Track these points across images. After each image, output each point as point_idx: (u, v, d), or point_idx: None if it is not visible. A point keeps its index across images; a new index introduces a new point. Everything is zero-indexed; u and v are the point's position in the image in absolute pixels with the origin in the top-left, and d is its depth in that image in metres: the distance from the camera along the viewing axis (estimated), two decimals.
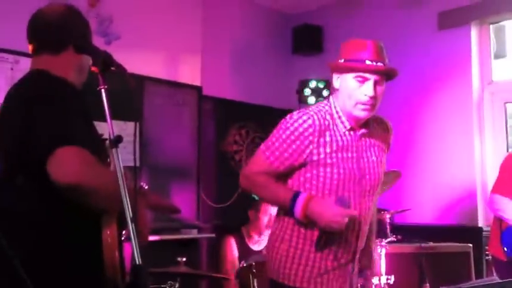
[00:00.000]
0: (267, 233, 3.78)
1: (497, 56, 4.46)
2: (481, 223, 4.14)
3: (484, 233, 3.98)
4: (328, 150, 2.06)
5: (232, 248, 3.76)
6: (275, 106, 5.22)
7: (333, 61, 2.16)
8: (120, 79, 1.58)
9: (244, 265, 3.13)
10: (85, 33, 1.76)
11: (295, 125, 2.07)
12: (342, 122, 2.12)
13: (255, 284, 3.07)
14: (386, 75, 2.10)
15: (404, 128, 4.43)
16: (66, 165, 1.44)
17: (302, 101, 4.80)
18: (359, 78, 2.05)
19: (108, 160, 1.66)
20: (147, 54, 4.20)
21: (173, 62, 4.51)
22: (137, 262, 1.41)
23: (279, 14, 5.38)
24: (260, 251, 3.75)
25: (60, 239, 1.56)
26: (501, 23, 4.44)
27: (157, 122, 4.30)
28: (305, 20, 5.23)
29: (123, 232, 1.59)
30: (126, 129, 3.82)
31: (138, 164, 3.96)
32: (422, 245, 3.50)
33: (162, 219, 3.89)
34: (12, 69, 3.40)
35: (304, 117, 2.07)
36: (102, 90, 1.53)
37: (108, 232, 1.53)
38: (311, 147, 2.05)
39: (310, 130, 2.05)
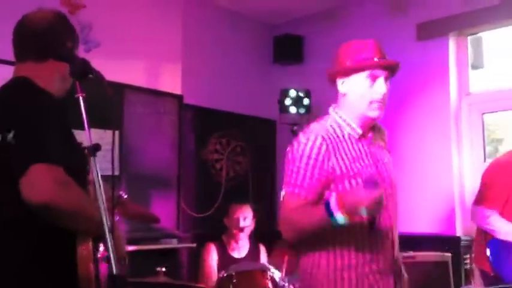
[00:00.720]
0: (242, 238, 3.78)
1: (474, 67, 4.52)
2: (459, 232, 4.18)
3: (462, 242, 4.01)
4: (347, 162, 2.01)
5: (211, 253, 3.75)
6: (256, 115, 5.23)
7: (334, 67, 2.12)
8: (99, 87, 1.56)
9: (225, 275, 3.11)
10: (71, 41, 1.74)
11: (307, 149, 1.98)
12: (353, 129, 2.08)
13: None
14: (390, 72, 2.10)
15: (388, 137, 4.45)
16: (39, 184, 1.42)
17: (283, 110, 4.81)
18: (371, 77, 2.04)
19: (88, 169, 1.64)
20: (127, 62, 4.18)
21: (154, 70, 4.49)
22: (114, 272, 1.40)
23: (260, 23, 5.40)
24: (240, 259, 3.74)
25: (36, 249, 1.54)
26: (478, 35, 4.51)
27: (138, 131, 4.27)
28: (286, 30, 5.26)
29: (100, 245, 1.58)
30: (105, 137, 3.77)
31: (117, 173, 3.93)
32: (404, 254, 3.50)
33: (141, 228, 3.86)
34: None
35: (312, 138, 2.00)
36: (80, 98, 1.52)
37: (83, 245, 1.52)
38: (331, 163, 1.98)
39: (324, 147, 1.98)
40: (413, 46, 4.48)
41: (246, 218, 3.78)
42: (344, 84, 2.10)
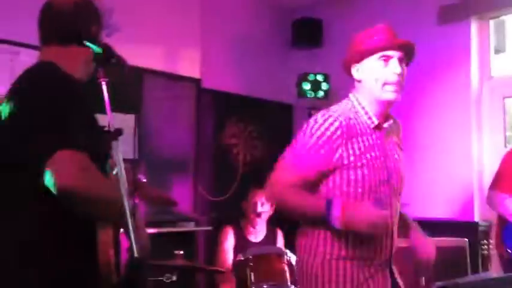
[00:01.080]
0: (260, 223, 3.80)
1: (496, 51, 4.45)
2: (477, 218, 4.15)
3: (480, 227, 4.00)
4: (357, 152, 1.97)
5: (228, 236, 3.77)
6: (274, 99, 5.21)
7: (348, 54, 2.09)
8: (119, 71, 1.57)
9: (242, 258, 3.14)
10: (95, 25, 1.74)
11: (322, 129, 1.96)
12: (370, 118, 2.05)
13: (252, 277, 3.08)
14: (406, 55, 2.07)
15: (402, 122, 4.41)
16: (63, 170, 1.42)
17: (301, 95, 4.80)
18: (383, 58, 2.02)
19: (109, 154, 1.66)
20: (146, 47, 4.18)
21: (172, 55, 4.49)
22: (135, 255, 1.41)
23: (279, 7, 5.36)
24: (257, 243, 3.76)
25: (56, 236, 1.55)
26: (501, 18, 4.43)
27: (156, 115, 4.29)
28: (305, 14, 5.21)
29: (120, 230, 1.60)
30: (125, 121, 3.82)
31: (136, 156, 3.97)
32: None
33: (159, 211, 3.90)
34: (11, 60, 3.38)
35: (330, 120, 1.97)
36: (103, 82, 1.53)
37: (103, 231, 1.53)
38: (340, 150, 1.96)
39: (338, 133, 1.95)
40: (434, 30, 4.42)
41: (263, 203, 3.78)
42: (358, 71, 2.07)
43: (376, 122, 2.06)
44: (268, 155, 5.11)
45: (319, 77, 4.72)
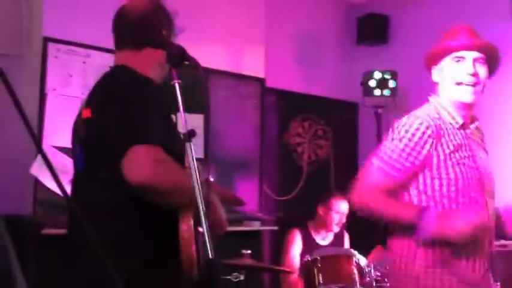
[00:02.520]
0: (336, 229, 3.74)
1: None
2: None
3: None
4: (447, 151, 1.96)
5: (296, 240, 3.74)
6: (339, 98, 5.15)
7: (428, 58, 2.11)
8: (187, 72, 1.59)
9: (309, 259, 3.11)
10: (166, 29, 1.79)
11: (412, 130, 1.96)
12: (453, 118, 2.03)
13: (320, 278, 3.05)
14: (486, 56, 2.03)
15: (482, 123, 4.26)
16: (139, 164, 1.47)
17: (367, 93, 4.71)
18: (457, 59, 2.00)
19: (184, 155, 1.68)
20: (211, 47, 4.22)
21: (236, 54, 4.52)
22: (210, 256, 1.42)
23: (343, 3, 5.28)
24: (325, 246, 3.71)
25: (139, 230, 1.60)
26: None
27: (221, 115, 4.32)
28: (370, 9, 5.11)
29: (199, 228, 1.61)
30: (192, 121, 3.87)
31: (203, 156, 4.02)
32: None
33: (226, 210, 3.93)
34: (84, 62, 3.49)
35: (418, 121, 1.97)
36: (176, 84, 1.55)
37: (185, 227, 1.56)
38: (431, 151, 1.95)
39: (428, 133, 1.95)
40: (508, 24, 4.23)
41: (345, 213, 3.72)
42: (436, 72, 2.08)
43: (461, 122, 2.03)
44: (333, 154, 5.05)
45: (386, 75, 4.60)
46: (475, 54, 2.00)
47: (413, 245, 1.97)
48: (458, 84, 1.99)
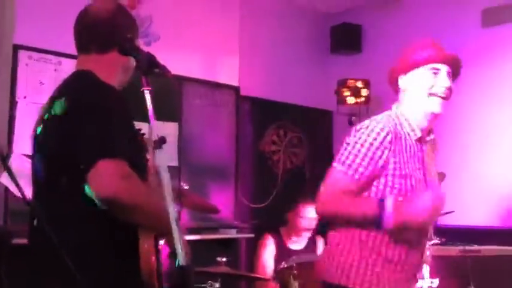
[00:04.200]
0: (305, 234, 3.76)
1: None
2: None
3: None
4: (402, 161, 1.99)
5: (268, 245, 3.74)
6: (313, 106, 5.19)
7: (395, 66, 2.11)
8: (159, 79, 1.58)
9: (285, 266, 3.12)
10: (131, 33, 1.74)
11: (373, 135, 1.97)
12: (413, 130, 2.05)
13: (296, 285, 3.05)
14: (453, 70, 2.07)
15: (448, 128, 4.33)
16: (105, 179, 1.45)
17: (340, 101, 4.76)
18: (433, 70, 2.02)
19: (148, 159, 1.68)
20: (185, 55, 4.23)
21: (211, 62, 4.53)
22: (182, 263, 1.41)
23: (317, 13, 5.34)
24: (298, 251, 3.73)
25: (98, 241, 1.57)
26: None
27: (196, 123, 4.32)
28: (343, 19, 5.17)
29: (161, 240, 1.60)
30: (165, 129, 3.87)
31: (176, 164, 4.01)
32: (467, 247, 3.40)
33: (200, 218, 3.92)
34: (55, 70, 3.47)
35: (380, 126, 1.99)
36: (146, 91, 1.54)
37: (145, 239, 1.55)
38: (388, 158, 1.97)
39: (388, 139, 1.97)
40: (478, 33, 4.33)
41: (315, 218, 3.73)
42: (405, 81, 2.07)
43: (419, 135, 2.06)
44: (308, 162, 5.08)
45: (359, 83, 4.66)
46: (447, 68, 2.04)
47: (349, 237, 2.01)
48: (432, 95, 2.02)
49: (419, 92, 2.03)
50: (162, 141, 1.52)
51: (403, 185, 1.97)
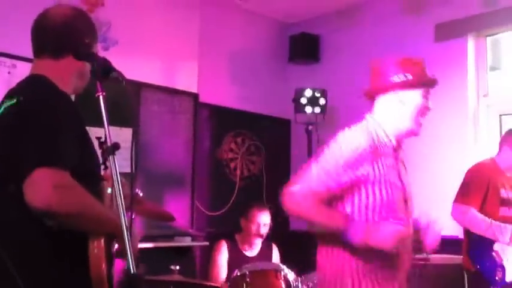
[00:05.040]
0: (257, 241, 3.77)
1: (492, 69, 4.48)
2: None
3: None
4: (382, 170, 2.02)
5: (222, 250, 3.74)
6: (271, 114, 5.22)
7: (389, 77, 2.12)
8: (117, 84, 1.57)
9: (238, 274, 3.11)
10: (89, 39, 1.72)
11: (353, 145, 2.01)
12: (390, 140, 2.11)
13: None
14: None
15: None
16: (39, 189, 1.41)
17: (298, 110, 4.80)
18: (426, 94, 2.11)
19: (100, 168, 1.65)
20: (144, 61, 4.20)
21: (170, 69, 4.51)
22: (132, 271, 1.40)
23: (276, 23, 5.39)
24: (252, 258, 3.73)
25: (46, 249, 1.53)
26: (497, 36, 4.46)
27: (153, 129, 4.29)
28: (302, 29, 5.24)
29: (114, 244, 1.58)
30: (122, 135, 3.81)
31: (133, 170, 3.95)
32: (416, 256, 3.48)
33: (155, 226, 3.87)
34: (9, 73, 3.39)
35: (358, 135, 2.04)
36: (100, 97, 1.52)
37: (95, 244, 1.51)
38: (367, 167, 2.00)
39: (367, 149, 2.01)
40: (432, 47, 4.45)
41: (265, 224, 3.75)
42: (403, 95, 2.10)
43: (395, 144, 2.12)
44: (266, 170, 5.11)
45: (317, 93, 4.72)
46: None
47: (341, 257, 2.02)
48: (421, 117, 2.11)
49: (412, 111, 2.10)
50: (115, 147, 1.51)
51: (383, 193, 2.01)
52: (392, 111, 2.11)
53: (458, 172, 4.25)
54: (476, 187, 3.43)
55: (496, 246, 3.32)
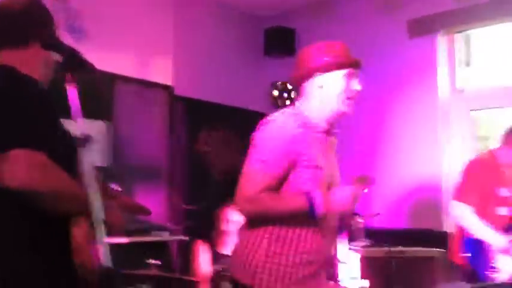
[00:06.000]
0: (232, 239, 3.76)
1: (462, 64, 4.54)
2: (447, 228, 4.20)
3: (449, 237, 4.05)
4: (311, 154, 2.06)
5: (202, 250, 3.73)
6: (247, 108, 5.22)
7: (309, 63, 2.14)
8: (89, 76, 1.55)
9: (217, 270, 3.11)
10: (51, 27, 1.69)
11: (281, 132, 2.05)
12: (319, 123, 2.13)
13: None
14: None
15: (373, 133, 4.48)
16: (14, 169, 1.41)
17: (273, 103, 4.82)
18: (349, 75, 2.11)
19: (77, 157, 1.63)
20: (118, 52, 4.15)
21: (145, 61, 4.47)
22: (108, 265, 1.40)
23: (252, 16, 5.38)
24: (228, 255, 3.73)
25: (24, 235, 1.52)
26: (468, 32, 4.53)
27: (128, 121, 4.25)
28: (278, 22, 5.24)
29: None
30: (95, 128, 3.77)
31: (108, 164, 3.92)
32: (392, 249, 3.53)
33: (132, 220, 3.85)
34: None
35: (286, 122, 2.07)
36: (70, 88, 1.50)
37: (79, 231, 1.51)
38: (298, 150, 2.04)
39: (296, 132, 2.04)
40: (404, 42, 4.50)
41: (230, 221, 3.74)
42: (321, 79, 2.13)
43: (325, 127, 2.15)
44: (242, 163, 5.10)
45: (291, 86, 4.74)
46: (358, 72, 2.16)
47: (260, 236, 2.07)
48: (348, 98, 2.12)
49: (335, 94, 2.11)
50: (87, 139, 1.49)
51: (314, 175, 2.05)
52: (314, 96, 2.14)
53: (429, 166, 4.33)
54: (473, 185, 3.37)
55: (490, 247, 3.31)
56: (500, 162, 3.44)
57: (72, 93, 1.49)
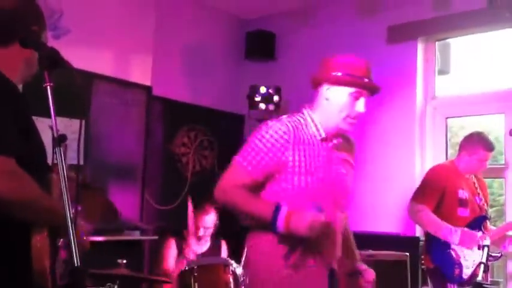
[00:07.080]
0: (205, 238, 3.77)
1: (441, 72, 4.62)
2: (418, 233, 4.27)
3: (420, 242, 4.11)
4: (302, 159, 2.09)
5: (172, 249, 3.73)
6: (225, 110, 5.22)
7: (323, 73, 2.17)
8: (66, 74, 1.54)
9: (186, 268, 3.12)
10: (37, 25, 1.67)
11: (270, 132, 2.09)
12: (318, 130, 2.16)
13: (196, 287, 3.06)
14: (371, 94, 2.20)
15: (354, 139, 4.51)
16: None
17: (252, 107, 4.83)
18: (355, 94, 2.13)
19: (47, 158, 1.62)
20: (97, 51, 4.12)
21: (123, 61, 4.44)
22: (76, 264, 1.39)
23: (233, 18, 5.39)
24: (203, 254, 3.74)
25: None
26: (447, 40, 4.60)
27: (105, 120, 4.22)
28: (259, 26, 5.26)
29: (58, 239, 1.56)
30: (72, 126, 3.73)
31: (82, 162, 3.88)
32: (361, 252, 3.56)
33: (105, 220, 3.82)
34: None
35: (278, 125, 2.10)
36: (48, 87, 1.50)
37: (38, 237, 1.49)
38: (286, 154, 2.07)
39: (286, 137, 2.08)
40: (383, 48, 4.54)
41: (206, 227, 3.74)
42: (328, 91, 2.16)
43: (323, 136, 2.17)
44: (218, 165, 5.11)
45: (271, 90, 4.76)
46: (367, 95, 2.17)
47: (274, 242, 2.09)
48: (349, 117, 2.15)
49: (338, 110, 2.14)
50: (62, 139, 1.48)
51: (303, 181, 2.08)
52: (320, 105, 2.18)
53: (403, 171, 4.38)
54: (432, 188, 3.56)
55: (453, 245, 3.46)
56: (460, 170, 3.61)
57: (49, 93, 1.48)
